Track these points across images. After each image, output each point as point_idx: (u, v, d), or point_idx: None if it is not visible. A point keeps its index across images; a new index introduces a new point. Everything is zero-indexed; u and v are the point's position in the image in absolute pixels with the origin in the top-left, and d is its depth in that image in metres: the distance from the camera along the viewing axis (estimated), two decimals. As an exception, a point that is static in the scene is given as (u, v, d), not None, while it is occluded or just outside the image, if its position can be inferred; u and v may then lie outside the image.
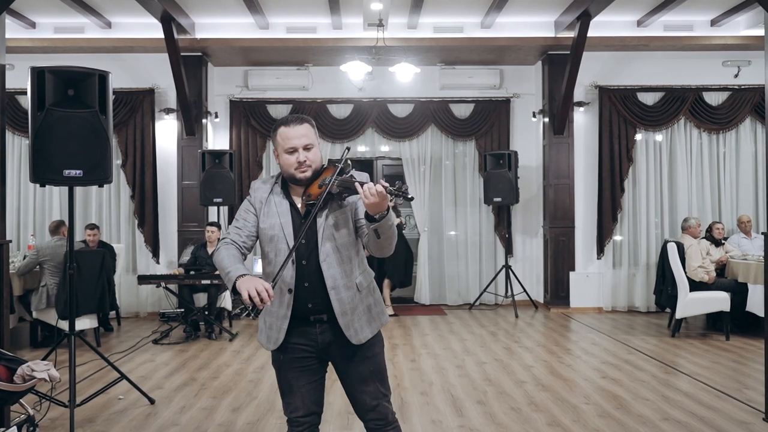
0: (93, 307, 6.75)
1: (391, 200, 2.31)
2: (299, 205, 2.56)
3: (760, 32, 8.54)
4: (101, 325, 7.42)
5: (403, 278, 8.79)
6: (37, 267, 6.79)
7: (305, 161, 2.51)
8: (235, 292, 2.36)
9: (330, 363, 2.67)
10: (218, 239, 7.92)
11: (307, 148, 2.52)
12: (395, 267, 8.67)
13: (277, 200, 2.57)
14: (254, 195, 2.62)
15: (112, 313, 7.84)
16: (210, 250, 7.80)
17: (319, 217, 2.49)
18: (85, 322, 6.76)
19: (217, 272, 7.54)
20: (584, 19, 7.96)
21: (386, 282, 8.74)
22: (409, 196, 2.29)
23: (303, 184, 2.54)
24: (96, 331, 7.09)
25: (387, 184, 2.29)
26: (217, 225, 7.95)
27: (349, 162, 2.52)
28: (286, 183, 2.61)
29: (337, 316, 2.50)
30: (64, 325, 5.78)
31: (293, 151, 2.52)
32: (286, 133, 2.53)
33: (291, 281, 2.49)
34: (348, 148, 2.72)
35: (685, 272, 7.25)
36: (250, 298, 2.26)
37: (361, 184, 2.32)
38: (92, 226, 7.62)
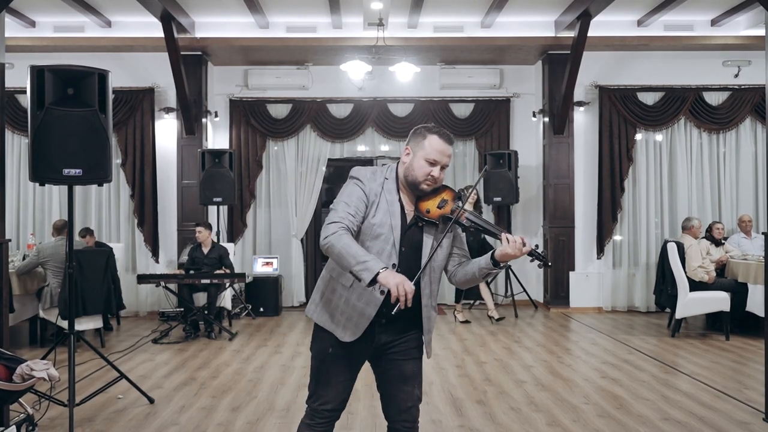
0: (99, 308, 6.74)
1: (531, 260, 2.46)
2: (407, 210, 2.57)
3: (761, 32, 8.54)
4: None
5: None
6: (40, 268, 6.79)
7: (437, 178, 2.52)
8: (372, 283, 2.26)
9: (368, 362, 2.68)
10: (213, 240, 7.90)
11: (443, 168, 2.54)
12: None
13: (390, 199, 2.54)
14: (368, 185, 2.53)
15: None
16: (205, 251, 7.78)
17: (428, 233, 2.53)
18: (89, 323, 6.76)
19: (216, 271, 7.54)
20: (584, 19, 7.95)
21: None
22: (550, 264, 2.48)
23: (419, 193, 2.55)
24: (100, 332, 7.08)
25: (528, 244, 2.40)
26: (206, 225, 7.89)
27: (464, 190, 2.61)
28: (397, 182, 2.59)
29: (424, 333, 2.60)
30: (65, 324, 5.77)
31: (434, 163, 2.51)
32: (439, 146, 2.51)
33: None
34: (475, 189, 2.79)
35: (685, 272, 7.25)
36: (399, 296, 2.22)
37: (500, 231, 2.45)
38: (84, 233, 7.59)
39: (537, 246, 2.43)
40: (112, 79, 4.53)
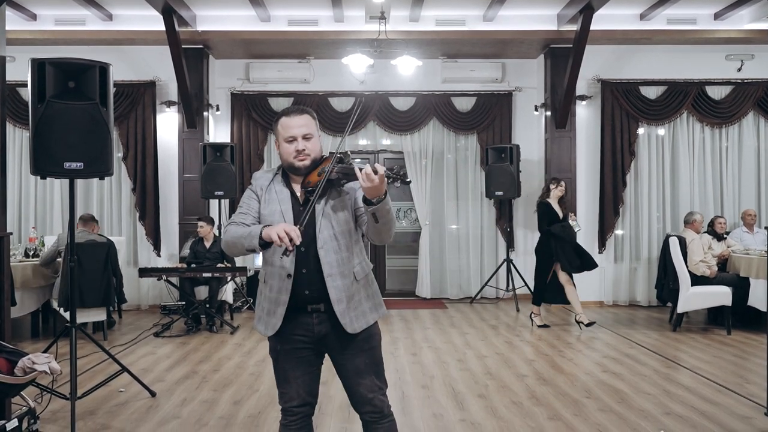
0: (97, 301, 6.75)
1: (389, 183, 2.34)
2: (299, 194, 2.60)
3: (764, 26, 8.52)
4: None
5: (579, 263, 7.34)
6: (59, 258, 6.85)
7: (303, 150, 2.56)
8: (263, 246, 2.39)
9: (327, 355, 2.70)
10: (215, 234, 7.92)
11: (306, 138, 2.57)
12: (565, 254, 7.35)
13: (278, 188, 2.63)
14: (255, 183, 2.68)
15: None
16: (207, 245, 7.79)
17: (317, 204, 2.52)
18: (91, 316, 6.80)
19: (218, 264, 7.55)
20: (587, 13, 7.92)
21: (569, 280, 7.39)
22: (408, 180, 2.35)
23: (302, 173, 2.58)
24: (103, 326, 7.09)
25: (384, 168, 2.31)
26: (208, 219, 7.91)
27: (348, 152, 2.57)
28: (287, 173, 2.65)
29: (333, 304, 2.53)
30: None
31: (292, 140, 2.57)
32: (287, 123, 2.60)
33: (291, 267, 2.52)
34: (345, 134, 2.77)
35: (687, 266, 7.24)
36: (281, 240, 2.28)
37: (361, 169, 2.35)
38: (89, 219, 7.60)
39: (396, 168, 2.37)
40: (113, 73, 4.50)
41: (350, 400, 2.70)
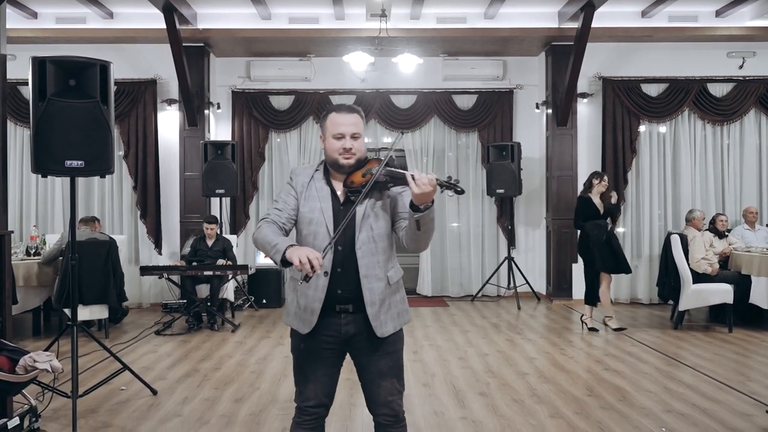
0: (96, 298, 6.75)
1: (441, 191, 2.34)
2: (339, 192, 2.59)
3: (766, 23, 8.50)
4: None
5: (613, 263, 7.13)
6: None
7: (351, 149, 2.55)
8: (284, 263, 2.36)
9: (348, 355, 2.68)
10: (216, 234, 7.92)
11: (354, 137, 2.56)
12: (599, 252, 7.10)
13: (318, 185, 2.61)
14: (296, 179, 2.65)
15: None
16: (210, 243, 7.79)
17: (360, 205, 2.52)
18: (94, 313, 6.82)
19: (219, 263, 7.55)
20: (588, 10, 7.91)
21: (604, 278, 7.23)
22: (460, 189, 2.35)
23: (345, 171, 2.57)
24: (105, 323, 7.09)
25: (436, 176, 2.31)
26: (215, 220, 7.90)
27: (393, 156, 2.55)
28: (328, 170, 2.64)
29: (366, 306, 2.53)
30: (81, 315, 5.78)
31: (341, 137, 2.56)
32: (337, 119, 2.57)
33: (328, 265, 2.51)
34: (402, 133, 2.79)
35: (689, 264, 7.23)
36: (302, 264, 2.26)
37: (412, 174, 2.34)
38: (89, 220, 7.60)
39: (450, 177, 2.36)
40: (114, 71, 4.50)
41: (367, 402, 2.68)
